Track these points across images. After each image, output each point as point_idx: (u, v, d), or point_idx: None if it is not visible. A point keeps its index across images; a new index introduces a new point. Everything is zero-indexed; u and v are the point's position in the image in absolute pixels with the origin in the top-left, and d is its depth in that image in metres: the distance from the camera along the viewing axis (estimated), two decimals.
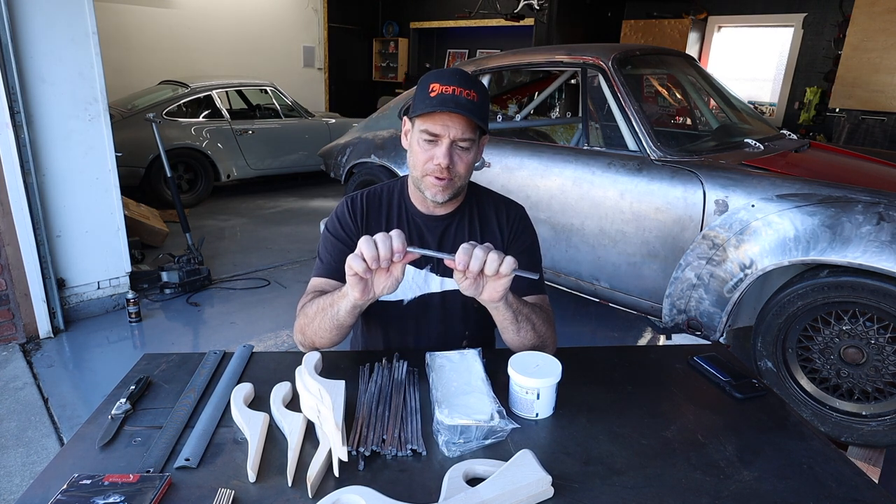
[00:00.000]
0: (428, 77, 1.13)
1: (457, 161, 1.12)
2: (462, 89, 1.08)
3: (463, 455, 0.84)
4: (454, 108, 1.06)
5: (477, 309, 1.25)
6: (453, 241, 1.23)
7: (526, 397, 0.93)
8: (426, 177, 1.14)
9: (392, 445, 0.85)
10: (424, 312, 1.24)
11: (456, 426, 0.86)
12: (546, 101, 4.06)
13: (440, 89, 1.08)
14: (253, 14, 7.61)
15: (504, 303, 1.00)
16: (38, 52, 2.57)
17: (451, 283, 1.22)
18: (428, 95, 1.09)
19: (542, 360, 0.98)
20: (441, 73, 1.12)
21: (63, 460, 0.83)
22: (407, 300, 1.23)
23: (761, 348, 2.13)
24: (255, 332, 2.94)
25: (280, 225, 4.90)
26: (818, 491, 0.80)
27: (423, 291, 1.23)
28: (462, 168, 1.13)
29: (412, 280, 1.23)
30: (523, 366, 0.95)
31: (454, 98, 1.07)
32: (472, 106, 1.08)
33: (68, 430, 2.10)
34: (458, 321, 1.26)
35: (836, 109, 5.43)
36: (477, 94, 1.10)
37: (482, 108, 1.11)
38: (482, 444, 0.86)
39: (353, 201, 1.25)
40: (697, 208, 2.21)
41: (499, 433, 0.87)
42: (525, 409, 0.94)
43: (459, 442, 0.86)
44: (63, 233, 2.81)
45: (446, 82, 1.09)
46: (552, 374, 0.94)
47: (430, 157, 1.12)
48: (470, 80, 1.11)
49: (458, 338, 1.27)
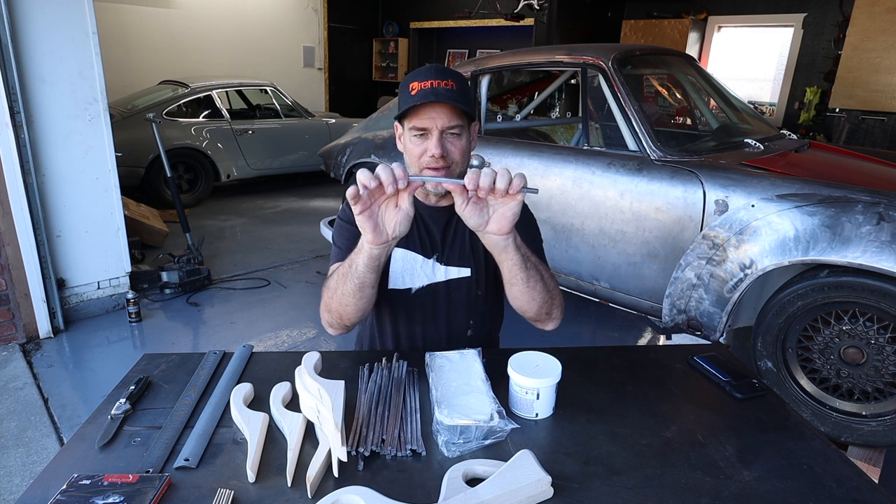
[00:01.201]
0: (406, 79, 1.15)
1: (450, 148, 1.13)
2: (439, 81, 1.10)
3: (463, 455, 0.84)
4: (435, 98, 1.08)
5: (483, 300, 1.27)
6: (455, 232, 1.25)
7: (526, 397, 0.94)
8: (424, 170, 1.16)
9: (391, 445, 0.85)
10: (432, 302, 1.26)
11: (456, 426, 0.86)
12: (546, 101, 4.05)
13: (419, 86, 1.11)
14: (253, 14, 7.61)
15: (513, 242, 1.00)
16: (38, 52, 2.57)
17: (456, 271, 1.24)
18: (409, 95, 1.12)
19: (542, 360, 0.98)
20: (418, 72, 1.15)
21: (63, 460, 0.83)
22: (415, 288, 1.25)
23: (761, 348, 2.13)
24: (255, 332, 2.94)
25: (280, 225, 4.90)
26: (818, 491, 0.80)
27: (431, 280, 1.25)
28: (457, 153, 1.15)
29: (420, 269, 1.24)
30: (523, 366, 0.95)
31: (433, 90, 1.09)
32: (452, 94, 1.10)
33: (68, 430, 2.10)
34: (462, 312, 1.28)
35: (836, 109, 5.43)
36: (455, 82, 1.12)
37: (463, 93, 1.13)
38: (482, 444, 0.86)
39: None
40: (697, 208, 2.21)
41: (498, 433, 0.87)
42: (525, 410, 0.94)
43: (459, 442, 0.86)
44: (63, 233, 2.81)
45: (423, 78, 1.11)
46: (552, 374, 0.94)
47: (424, 149, 1.14)
48: (445, 71, 1.14)
49: (462, 329, 1.29)
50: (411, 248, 1.24)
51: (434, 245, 1.25)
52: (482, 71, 3.10)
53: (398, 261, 1.24)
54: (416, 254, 1.24)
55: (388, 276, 1.24)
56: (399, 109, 1.15)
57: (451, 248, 1.25)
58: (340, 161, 3.84)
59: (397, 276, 1.24)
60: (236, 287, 3.49)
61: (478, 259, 1.25)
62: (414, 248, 1.24)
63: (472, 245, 1.25)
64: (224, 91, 5.73)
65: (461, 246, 1.25)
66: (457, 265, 1.25)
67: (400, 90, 1.18)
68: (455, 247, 1.25)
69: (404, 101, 1.14)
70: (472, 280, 1.25)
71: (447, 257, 1.25)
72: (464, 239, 1.25)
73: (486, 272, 1.26)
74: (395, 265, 1.24)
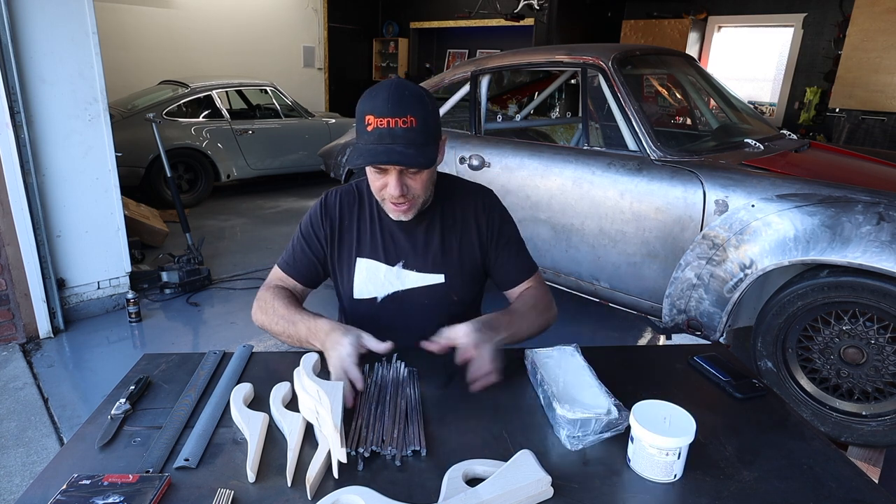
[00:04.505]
0: (364, 105, 1.06)
1: (411, 184, 1.10)
2: (397, 119, 1.01)
3: (584, 448, 0.87)
4: (388, 158, 1.02)
5: (458, 304, 1.26)
6: (425, 238, 1.22)
7: (665, 459, 0.80)
8: (385, 202, 1.14)
9: (392, 445, 0.85)
10: (400, 309, 1.24)
11: (577, 420, 0.86)
12: (546, 101, 4.06)
13: (375, 122, 1.02)
14: (253, 14, 7.60)
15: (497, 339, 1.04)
16: (38, 52, 2.57)
17: (427, 278, 1.23)
18: (365, 130, 1.04)
19: (664, 410, 0.86)
20: (374, 101, 1.04)
21: (63, 460, 0.83)
22: (381, 298, 1.23)
23: (761, 348, 2.13)
24: (255, 332, 2.93)
25: (280, 225, 4.90)
26: (818, 491, 0.80)
27: (397, 288, 1.23)
28: (419, 188, 1.11)
29: (384, 277, 1.22)
30: (650, 422, 0.82)
31: (390, 133, 1.02)
32: (410, 136, 1.02)
33: (68, 430, 2.10)
34: (436, 317, 1.23)
35: (836, 109, 5.43)
36: (415, 117, 1.03)
37: (425, 130, 1.04)
38: (601, 437, 0.87)
39: (326, 200, 1.26)
40: (697, 208, 2.21)
41: (617, 426, 0.87)
42: (663, 473, 0.81)
43: (579, 435, 0.86)
44: (63, 233, 2.81)
45: (380, 112, 1.02)
46: (685, 423, 0.83)
47: (384, 184, 1.10)
48: (404, 101, 1.03)
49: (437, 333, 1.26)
50: (374, 258, 1.22)
51: (399, 252, 1.22)
52: (482, 71, 3.10)
53: (362, 271, 1.22)
54: (380, 262, 1.22)
55: (353, 287, 1.23)
56: (354, 147, 1.10)
57: (423, 255, 1.22)
58: (340, 161, 3.84)
59: (362, 286, 1.23)
60: (236, 287, 3.49)
61: (451, 265, 1.23)
62: (377, 256, 1.22)
63: (443, 251, 1.22)
64: (224, 91, 5.73)
65: (434, 253, 1.22)
66: (430, 271, 1.22)
67: (357, 114, 1.09)
68: (428, 254, 1.22)
69: (360, 135, 1.06)
70: (445, 286, 1.23)
71: (416, 264, 1.22)
72: (434, 245, 1.22)
73: (461, 277, 1.24)
74: (359, 276, 1.22)
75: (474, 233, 1.25)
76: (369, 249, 1.22)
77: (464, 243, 1.24)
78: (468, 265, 1.25)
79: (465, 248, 1.24)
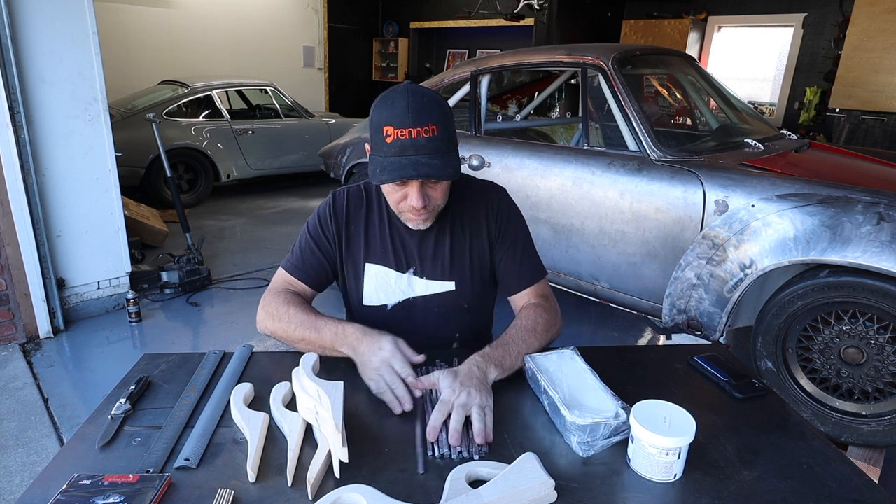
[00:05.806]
0: (380, 115, 1.01)
1: (432, 195, 1.07)
2: (419, 129, 0.96)
3: (596, 454, 0.86)
4: (416, 172, 0.98)
5: (469, 311, 1.23)
6: (435, 246, 1.20)
7: (665, 459, 0.81)
8: (403, 213, 1.11)
9: (461, 446, 0.86)
10: (410, 317, 1.21)
11: (587, 426, 0.85)
12: (546, 101, 4.06)
13: (395, 133, 0.97)
14: (253, 14, 7.60)
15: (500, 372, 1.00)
16: (38, 52, 2.57)
17: (437, 286, 1.20)
18: (384, 142, 0.99)
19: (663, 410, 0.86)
20: (392, 111, 0.99)
21: (63, 460, 0.83)
22: (391, 305, 1.21)
23: (761, 348, 2.13)
24: (255, 332, 2.90)
25: (280, 225, 4.90)
26: (818, 491, 0.80)
27: (407, 296, 1.21)
28: (440, 197, 1.09)
29: (395, 284, 1.20)
30: (650, 422, 0.82)
31: (413, 143, 0.97)
32: (433, 145, 0.98)
33: (68, 430, 2.10)
34: (446, 324, 1.23)
35: (836, 109, 5.43)
36: (436, 124, 0.98)
37: (447, 138, 1.01)
38: (610, 441, 0.86)
39: (335, 200, 1.22)
40: (697, 208, 2.21)
41: (625, 429, 0.86)
42: (663, 473, 0.82)
43: (589, 440, 0.85)
44: (63, 233, 2.81)
45: (399, 123, 0.97)
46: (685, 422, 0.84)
47: (404, 196, 1.07)
48: (424, 109, 0.98)
49: (448, 341, 1.24)
50: (384, 264, 1.19)
51: (410, 259, 1.20)
52: (482, 71, 3.10)
53: (372, 278, 1.20)
54: (390, 269, 1.19)
55: (363, 293, 1.21)
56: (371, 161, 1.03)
57: (433, 263, 1.20)
58: (340, 161, 3.84)
59: (371, 292, 1.20)
60: (236, 287, 3.49)
61: (462, 272, 1.21)
62: (387, 263, 1.19)
63: (454, 258, 1.20)
64: (224, 91, 5.73)
65: (442, 260, 1.20)
66: (440, 279, 1.20)
67: (371, 125, 1.03)
68: (437, 261, 1.20)
69: (378, 148, 1.01)
70: (456, 294, 1.21)
71: (427, 271, 1.20)
72: (445, 251, 1.20)
73: (471, 285, 1.22)
74: (368, 283, 1.20)
75: (484, 232, 1.22)
76: (379, 255, 1.19)
77: (474, 246, 1.21)
78: (479, 270, 1.22)
79: (475, 252, 1.21)
